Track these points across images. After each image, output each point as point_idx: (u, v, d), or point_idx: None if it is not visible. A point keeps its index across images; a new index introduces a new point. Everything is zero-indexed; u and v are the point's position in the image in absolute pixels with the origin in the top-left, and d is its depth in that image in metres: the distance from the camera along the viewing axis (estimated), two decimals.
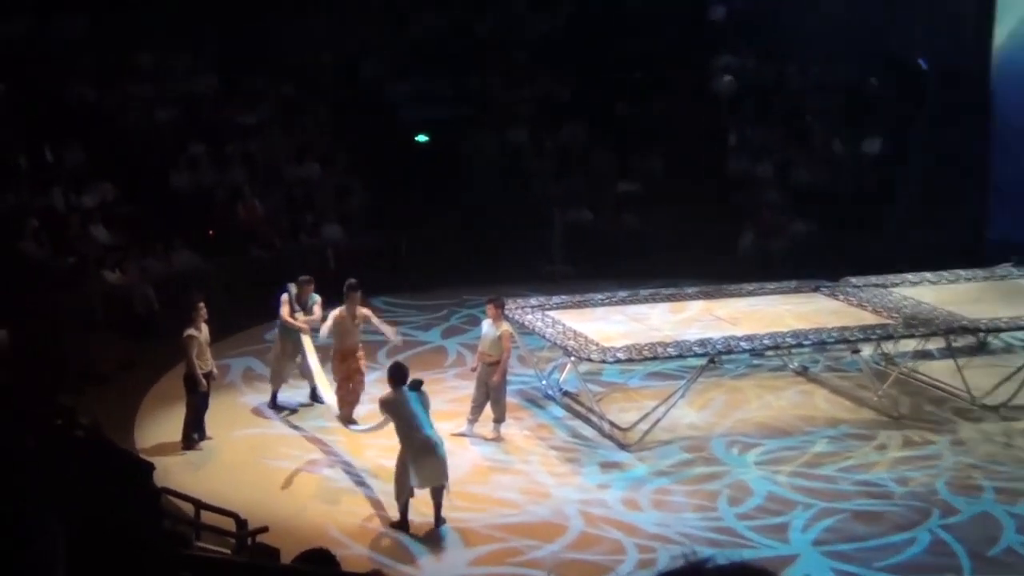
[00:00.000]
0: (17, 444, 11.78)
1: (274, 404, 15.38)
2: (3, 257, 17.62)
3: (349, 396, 14.50)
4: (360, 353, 14.78)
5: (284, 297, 15.24)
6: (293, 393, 15.70)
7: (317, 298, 15.35)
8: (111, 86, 22.67)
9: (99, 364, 16.63)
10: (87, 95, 22.34)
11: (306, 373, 15.34)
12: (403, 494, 12.15)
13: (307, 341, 15.02)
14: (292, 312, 15.13)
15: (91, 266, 18.27)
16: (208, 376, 14.21)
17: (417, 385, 12.34)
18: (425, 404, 12.27)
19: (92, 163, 20.80)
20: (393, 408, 12.15)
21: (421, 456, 12.01)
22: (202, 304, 14.17)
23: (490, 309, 14.61)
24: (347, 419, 14.30)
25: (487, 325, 14.64)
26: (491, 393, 14.48)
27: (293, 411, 15.38)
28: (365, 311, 14.97)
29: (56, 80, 22.13)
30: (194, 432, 14.12)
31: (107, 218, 19.65)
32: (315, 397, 15.51)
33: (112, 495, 11.05)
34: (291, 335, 15.20)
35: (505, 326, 14.60)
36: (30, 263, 17.84)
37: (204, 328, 14.20)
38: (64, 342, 16.67)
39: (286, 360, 15.32)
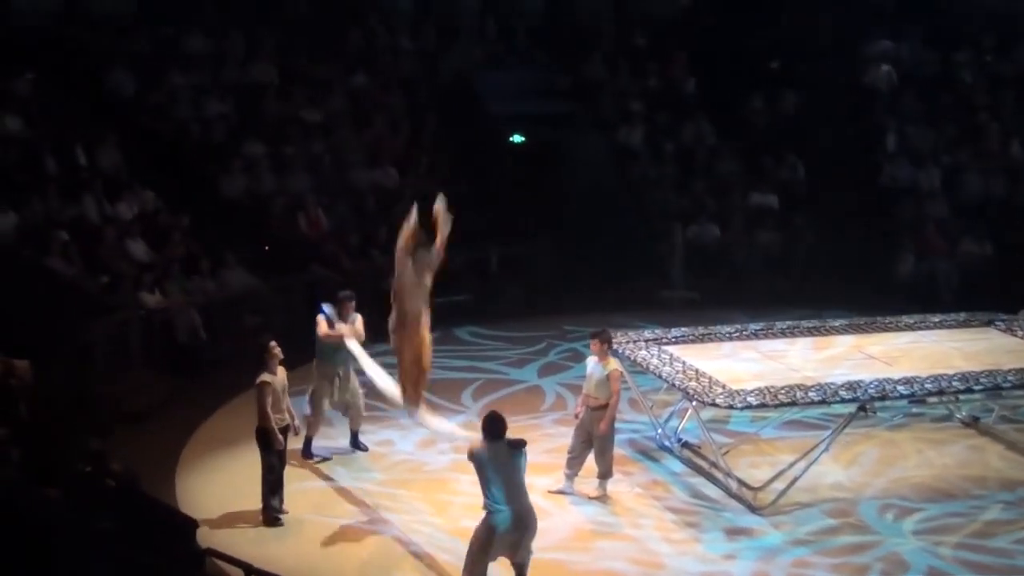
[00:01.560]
0: (39, 494, 12.01)
1: (308, 452, 15.50)
2: (26, 276, 17.94)
3: (417, 379, 14.03)
4: (426, 319, 14.14)
5: (321, 317, 15.38)
6: (327, 442, 15.78)
7: (358, 317, 15.47)
8: (153, 75, 23.06)
9: (135, 401, 16.87)
10: (125, 86, 22.75)
11: (347, 408, 15.51)
12: (474, 565, 12.09)
13: (354, 344, 15.07)
14: (331, 325, 15.31)
15: (127, 286, 18.57)
16: (286, 431, 14.03)
17: (519, 445, 12.18)
18: (523, 467, 12.16)
19: (130, 166, 21.17)
20: (481, 464, 12.09)
21: (520, 526, 11.96)
22: (275, 344, 14.10)
23: (594, 345, 14.59)
24: (415, 406, 13.93)
25: (592, 363, 14.63)
26: (596, 443, 14.46)
27: (325, 459, 15.51)
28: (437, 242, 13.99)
29: (91, 68, 22.58)
30: (274, 499, 13.97)
31: (147, 230, 19.97)
32: (356, 444, 15.68)
33: (148, 556, 11.22)
34: (331, 364, 15.34)
35: (614, 364, 14.57)
36: (57, 283, 18.15)
37: (280, 372, 13.99)
38: (95, 375, 16.94)
39: (324, 397, 15.44)
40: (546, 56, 25.88)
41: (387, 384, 14.52)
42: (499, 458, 11.92)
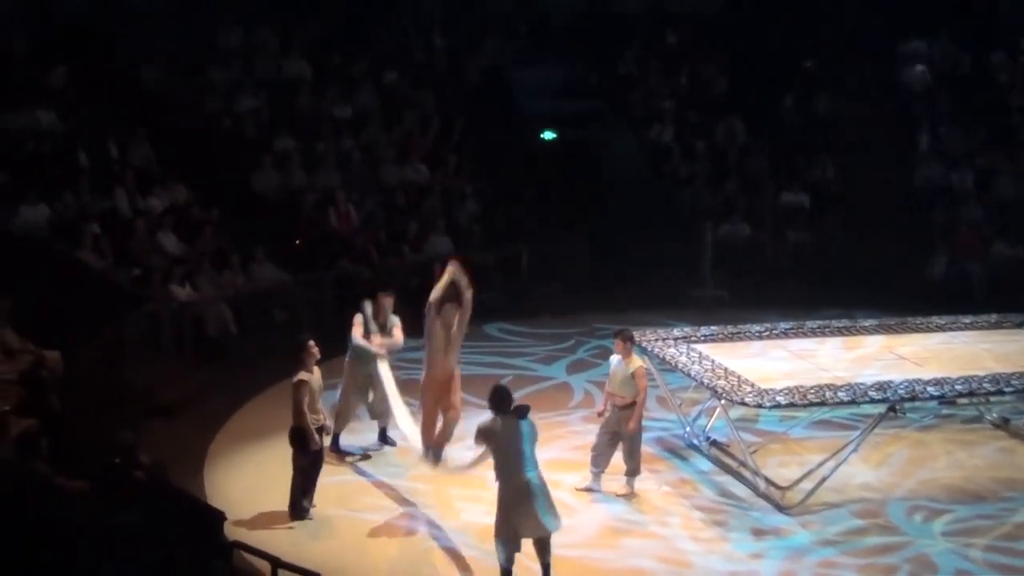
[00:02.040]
0: (68, 486, 12.06)
1: (336, 448, 15.49)
2: (58, 268, 18.02)
3: (439, 433, 14.37)
4: (456, 378, 14.49)
5: (358, 317, 15.32)
6: (356, 438, 15.81)
7: (397, 320, 15.44)
8: (185, 70, 23.16)
9: (164, 394, 16.93)
10: (158, 80, 22.84)
11: (376, 413, 15.49)
12: (504, 547, 12.12)
13: (384, 367, 15.09)
14: (367, 334, 15.26)
15: (158, 279, 18.64)
16: (321, 431, 13.97)
17: (524, 412, 12.24)
18: (533, 436, 12.21)
19: (162, 160, 21.25)
20: (492, 438, 12.12)
21: (521, 501, 11.98)
22: (313, 342, 13.99)
23: (618, 345, 14.58)
24: (435, 460, 14.21)
25: (616, 360, 14.61)
26: (625, 442, 14.43)
27: (366, 457, 15.51)
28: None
29: (123, 62, 22.66)
30: (304, 499, 13.96)
31: (178, 224, 20.05)
32: (384, 439, 15.65)
33: (177, 548, 11.25)
34: (364, 365, 15.28)
35: (638, 362, 14.54)
36: (88, 275, 18.23)
37: (316, 371, 13.91)
38: (125, 368, 17.00)
39: (355, 396, 15.43)
40: (578, 54, 25.86)
41: (409, 427, 14.62)
42: (508, 430, 12.01)
